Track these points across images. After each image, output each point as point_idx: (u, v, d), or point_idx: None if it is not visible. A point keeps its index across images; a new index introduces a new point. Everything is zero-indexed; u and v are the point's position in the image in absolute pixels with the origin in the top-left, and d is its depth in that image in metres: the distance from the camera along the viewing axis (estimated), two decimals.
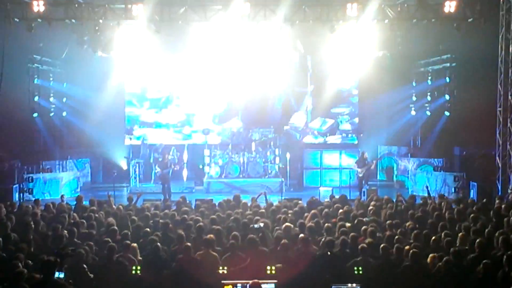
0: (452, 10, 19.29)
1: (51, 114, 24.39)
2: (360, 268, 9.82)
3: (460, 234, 11.29)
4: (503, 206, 14.47)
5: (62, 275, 9.40)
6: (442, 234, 11.39)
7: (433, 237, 11.13)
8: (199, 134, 25.72)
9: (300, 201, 16.27)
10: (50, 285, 8.66)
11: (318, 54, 24.70)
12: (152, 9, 19.58)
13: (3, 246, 11.02)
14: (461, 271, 9.70)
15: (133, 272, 9.85)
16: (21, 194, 20.49)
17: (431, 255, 10.25)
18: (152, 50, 22.76)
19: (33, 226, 12.63)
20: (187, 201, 16.09)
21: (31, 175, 21.20)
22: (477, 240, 10.50)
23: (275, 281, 9.13)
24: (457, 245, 10.79)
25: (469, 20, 19.64)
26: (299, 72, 25.96)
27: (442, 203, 15.19)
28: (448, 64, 23.45)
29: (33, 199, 17.95)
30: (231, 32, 21.06)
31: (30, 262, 10.01)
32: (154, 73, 25.88)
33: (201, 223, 12.41)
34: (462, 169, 21.63)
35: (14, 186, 19.93)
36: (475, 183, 19.72)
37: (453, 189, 20.85)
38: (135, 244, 11.07)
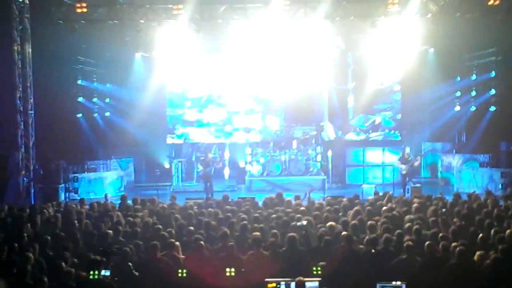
0: (497, 2, 18.90)
1: (95, 114, 24.75)
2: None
3: (508, 231, 11.02)
4: None
5: (108, 273, 9.52)
6: (490, 231, 11.15)
7: (481, 235, 10.89)
8: (240, 132, 25.74)
9: (344, 199, 16.13)
10: (96, 283, 8.77)
11: (359, 50, 24.51)
12: (192, 8, 19.70)
13: (51, 244, 11.21)
14: (510, 268, 9.47)
15: (179, 275, 9.58)
16: (67, 194, 20.84)
17: (478, 252, 10.03)
18: (193, 50, 22.97)
19: (78, 225, 12.84)
20: (230, 200, 16.12)
21: (76, 175, 21.54)
22: None
23: (319, 279, 9.08)
24: (506, 242, 10.52)
25: None
26: (340, 69, 25.80)
27: (489, 200, 14.89)
28: (493, 58, 22.95)
29: (79, 198, 18.25)
30: (271, 29, 21.02)
31: (76, 260, 10.16)
32: (195, 72, 26.00)
33: (245, 222, 12.42)
34: (509, 165, 21.14)
35: (60, 186, 20.28)
36: None
37: (500, 185, 20.41)
38: (177, 243, 11.11)
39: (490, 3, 18.98)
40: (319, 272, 9.32)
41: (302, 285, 8.75)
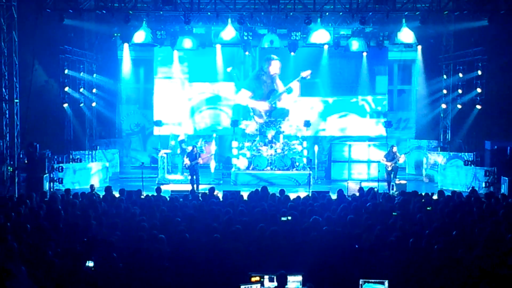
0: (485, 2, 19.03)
1: (81, 104, 24.60)
2: None
3: (490, 230, 11.12)
4: None
5: (91, 264, 9.51)
6: (473, 229, 11.23)
7: (463, 232, 10.98)
8: (227, 126, 25.67)
9: (328, 194, 16.21)
10: (79, 274, 8.75)
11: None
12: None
13: (34, 234, 11.16)
14: (493, 266, 9.56)
15: None
16: (52, 184, 20.72)
17: (461, 250, 10.12)
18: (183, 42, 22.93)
19: (63, 215, 12.79)
20: (215, 192, 16.13)
21: (61, 164, 21.40)
22: (509, 236, 10.34)
23: (302, 273, 9.11)
24: (487, 240, 10.62)
25: (501, 12, 19.36)
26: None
27: (472, 198, 15.01)
28: (479, 57, 23.05)
29: (63, 188, 18.16)
30: None
31: (59, 250, 10.13)
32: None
33: (229, 215, 12.44)
34: (493, 164, 21.27)
35: (45, 175, 20.14)
36: (507, 178, 19.41)
37: (483, 183, 20.56)
38: (162, 236, 11.09)
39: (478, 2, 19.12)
40: None
41: (285, 278, 8.77)
